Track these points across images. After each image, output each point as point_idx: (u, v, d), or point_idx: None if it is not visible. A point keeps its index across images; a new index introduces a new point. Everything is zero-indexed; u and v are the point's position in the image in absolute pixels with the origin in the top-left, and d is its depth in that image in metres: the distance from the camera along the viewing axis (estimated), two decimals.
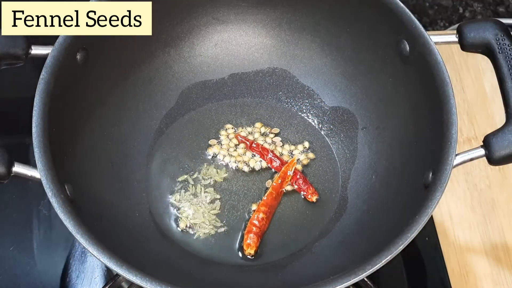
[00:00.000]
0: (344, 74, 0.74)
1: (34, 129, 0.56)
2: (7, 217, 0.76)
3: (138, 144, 0.72)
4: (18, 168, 0.56)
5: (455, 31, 0.63)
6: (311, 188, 0.71)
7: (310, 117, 0.76)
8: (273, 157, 0.72)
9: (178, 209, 0.69)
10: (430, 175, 0.58)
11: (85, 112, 0.66)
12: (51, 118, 0.57)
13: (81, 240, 0.52)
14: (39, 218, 0.75)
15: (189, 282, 0.61)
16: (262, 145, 0.73)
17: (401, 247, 0.53)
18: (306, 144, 0.74)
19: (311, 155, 0.74)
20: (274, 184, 0.70)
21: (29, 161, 0.57)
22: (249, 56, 0.77)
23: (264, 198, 0.69)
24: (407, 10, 0.64)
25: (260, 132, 0.75)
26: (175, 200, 0.70)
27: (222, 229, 0.69)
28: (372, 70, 0.72)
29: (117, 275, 0.68)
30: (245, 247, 0.67)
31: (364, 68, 0.72)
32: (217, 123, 0.76)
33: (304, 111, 0.76)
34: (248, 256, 0.67)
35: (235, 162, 0.73)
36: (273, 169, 0.72)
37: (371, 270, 0.52)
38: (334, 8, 0.71)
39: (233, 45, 0.77)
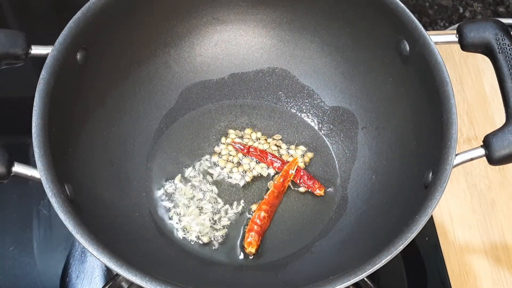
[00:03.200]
0: (344, 74, 0.74)
1: (34, 129, 0.56)
2: (7, 217, 0.76)
3: (138, 144, 0.72)
4: (18, 168, 0.55)
5: (455, 31, 0.63)
6: (317, 182, 0.71)
7: (310, 117, 0.76)
8: (273, 158, 0.72)
9: (178, 209, 0.69)
10: (430, 175, 0.58)
11: (85, 112, 0.66)
12: (51, 118, 0.57)
13: (81, 240, 0.52)
14: (39, 218, 0.75)
15: (189, 282, 0.60)
16: (258, 148, 0.73)
17: (401, 247, 0.53)
18: (306, 144, 0.74)
19: (310, 155, 0.74)
20: (276, 182, 0.70)
21: (29, 161, 0.57)
22: (249, 56, 0.77)
23: (266, 197, 0.69)
24: (407, 10, 0.64)
25: (257, 136, 0.75)
26: (175, 200, 0.70)
27: (222, 229, 0.69)
28: (372, 70, 0.71)
29: (117, 275, 0.68)
30: (246, 246, 0.67)
31: (364, 68, 0.72)
32: (217, 123, 0.76)
33: (304, 111, 0.76)
34: (249, 255, 0.67)
35: (239, 173, 0.72)
36: (275, 170, 0.72)
37: (371, 270, 0.52)
38: (334, 8, 0.71)
39: (233, 45, 0.77)
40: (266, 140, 0.74)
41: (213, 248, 0.68)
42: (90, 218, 0.56)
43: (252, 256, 0.67)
